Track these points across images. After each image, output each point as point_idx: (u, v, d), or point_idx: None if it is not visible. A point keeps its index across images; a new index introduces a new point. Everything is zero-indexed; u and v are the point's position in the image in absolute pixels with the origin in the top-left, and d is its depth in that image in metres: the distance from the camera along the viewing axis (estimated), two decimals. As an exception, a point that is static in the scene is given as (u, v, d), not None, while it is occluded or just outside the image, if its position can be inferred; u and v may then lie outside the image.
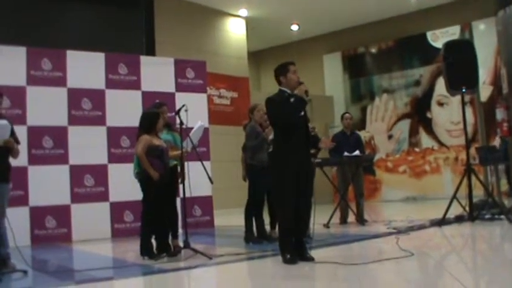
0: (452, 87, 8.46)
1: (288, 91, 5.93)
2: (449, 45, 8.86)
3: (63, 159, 9.45)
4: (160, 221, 6.73)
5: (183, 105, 6.76)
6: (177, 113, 6.78)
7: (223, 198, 12.31)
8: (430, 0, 15.60)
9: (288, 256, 5.66)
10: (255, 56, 19.37)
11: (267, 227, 7.78)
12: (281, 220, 5.90)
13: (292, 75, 5.93)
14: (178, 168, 7.23)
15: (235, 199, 11.18)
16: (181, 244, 6.78)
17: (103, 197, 9.71)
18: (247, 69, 16.58)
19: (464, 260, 5.91)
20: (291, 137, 5.82)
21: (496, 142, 9.59)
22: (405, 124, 16.67)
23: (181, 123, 6.71)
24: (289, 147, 5.81)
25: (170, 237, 6.97)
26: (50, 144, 9.40)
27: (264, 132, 7.47)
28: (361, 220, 9.29)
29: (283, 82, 5.96)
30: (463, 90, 8.37)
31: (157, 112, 6.98)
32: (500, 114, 8.68)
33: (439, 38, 15.86)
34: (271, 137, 7.01)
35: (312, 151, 7.27)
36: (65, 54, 9.73)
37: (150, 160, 6.53)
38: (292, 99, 5.85)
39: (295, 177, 5.76)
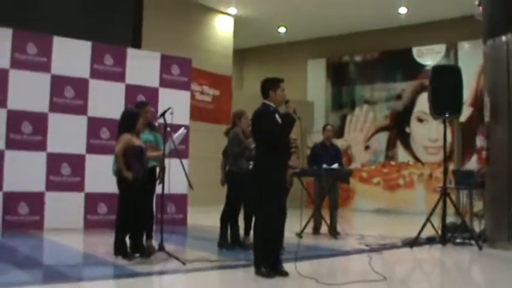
0: (436, 112, 8.53)
1: (273, 106, 5.95)
2: (437, 69, 8.94)
3: (41, 145, 9.34)
4: (135, 221, 6.69)
5: (169, 108, 6.71)
6: (162, 115, 6.73)
7: (200, 195, 12.23)
8: (420, 16, 15.72)
9: (264, 270, 5.65)
10: (240, 54, 19.34)
11: (241, 232, 7.79)
12: (260, 234, 5.81)
13: (281, 92, 5.93)
14: (157, 169, 7.21)
15: (212, 196, 11.13)
16: (155, 245, 6.74)
17: (78, 187, 9.62)
18: (231, 68, 16.59)
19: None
20: (277, 153, 5.83)
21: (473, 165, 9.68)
22: (383, 136, 16.81)
23: (166, 126, 6.67)
24: (277, 163, 5.83)
25: (144, 237, 6.96)
26: (29, 130, 9.27)
27: (247, 140, 7.45)
28: (333, 233, 9.34)
29: (271, 96, 5.92)
30: (447, 115, 8.46)
31: (137, 111, 6.91)
32: (479, 141, 8.75)
33: (424, 54, 16.03)
34: (253, 145, 7.00)
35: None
36: (51, 40, 9.60)
37: (129, 160, 6.47)
38: (277, 116, 5.87)
39: (281, 192, 5.84)
